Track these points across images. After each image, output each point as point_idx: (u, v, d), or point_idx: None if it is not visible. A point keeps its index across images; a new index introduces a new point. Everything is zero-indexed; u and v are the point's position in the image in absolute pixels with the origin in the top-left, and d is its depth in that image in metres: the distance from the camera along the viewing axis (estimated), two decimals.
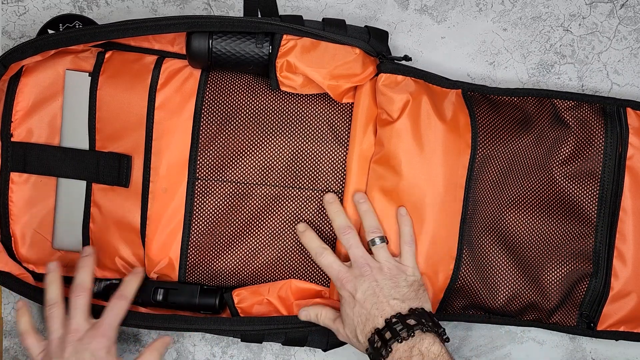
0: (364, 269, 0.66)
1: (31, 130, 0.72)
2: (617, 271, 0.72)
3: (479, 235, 0.72)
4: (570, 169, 0.72)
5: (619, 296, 0.72)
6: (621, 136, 0.71)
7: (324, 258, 0.68)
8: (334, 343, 0.72)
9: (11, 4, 0.77)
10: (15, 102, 0.71)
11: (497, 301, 0.72)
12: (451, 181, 0.70)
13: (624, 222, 0.72)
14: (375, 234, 0.68)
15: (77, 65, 0.72)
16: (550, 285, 0.72)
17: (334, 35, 0.68)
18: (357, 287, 0.66)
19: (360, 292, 0.66)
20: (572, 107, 0.72)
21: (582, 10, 0.78)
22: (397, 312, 0.64)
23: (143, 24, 0.66)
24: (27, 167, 0.72)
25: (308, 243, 0.70)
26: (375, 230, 0.68)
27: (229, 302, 0.71)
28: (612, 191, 0.71)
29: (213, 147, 0.71)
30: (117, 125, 0.71)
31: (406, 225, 0.69)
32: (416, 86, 0.69)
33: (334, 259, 0.68)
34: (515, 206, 0.72)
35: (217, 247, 0.72)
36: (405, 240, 0.68)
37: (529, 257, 0.72)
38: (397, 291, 0.65)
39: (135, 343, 0.78)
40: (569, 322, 0.73)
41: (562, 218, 0.72)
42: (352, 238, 0.68)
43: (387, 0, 0.77)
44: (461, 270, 0.71)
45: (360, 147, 0.71)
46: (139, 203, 0.71)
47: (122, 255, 0.72)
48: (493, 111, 0.73)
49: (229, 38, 0.68)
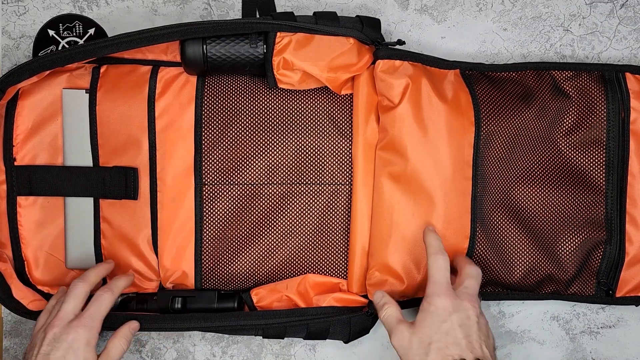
0: (472, 299, 0.64)
1: (34, 153, 0.72)
2: (630, 236, 0.72)
3: (491, 212, 0.72)
4: (575, 139, 0.72)
5: (635, 261, 0.72)
6: (622, 101, 0.71)
7: (444, 260, 0.66)
8: (356, 332, 0.71)
9: (11, 4, 0.77)
10: (15, 125, 0.71)
11: (514, 276, 0.72)
12: (458, 160, 0.70)
13: (633, 186, 0.72)
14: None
15: (73, 83, 0.72)
16: (566, 256, 0.72)
17: (327, 27, 0.68)
18: (459, 309, 0.63)
19: (459, 315, 0.63)
20: (571, 77, 0.72)
21: (582, 10, 0.78)
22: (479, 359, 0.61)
23: (136, 36, 0.66)
24: (33, 190, 0.71)
25: (433, 239, 0.68)
26: None
27: (248, 302, 0.71)
28: (618, 157, 0.71)
29: (217, 152, 0.71)
30: (119, 139, 0.71)
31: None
32: (414, 69, 0.70)
33: (449, 267, 0.66)
34: (524, 180, 0.72)
35: (230, 250, 0.72)
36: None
37: (542, 230, 0.72)
38: (488, 343, 0.64)
39: (136, 343, 0.78)
40: (587, 292, 0.73)
41: (571, 188, 0.72)
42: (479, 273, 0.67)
43: (387, 0, 0.78)
44: (476, 248, 0.71)
45: (364, 136, 0.71)
46: (148, 214, 0.71)
47: (135, 268, 0.72)
48: (493, 87, 0.73)
49: (223, 41, 0.68)
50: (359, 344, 0.77)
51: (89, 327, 0.64)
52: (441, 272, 0.65)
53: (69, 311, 0.65)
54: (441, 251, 0.66)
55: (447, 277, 0.65)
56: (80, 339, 0.63)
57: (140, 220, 0.71)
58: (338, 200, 0.72)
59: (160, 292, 0.72)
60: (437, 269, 0.66)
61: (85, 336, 0.64)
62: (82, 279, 0.67)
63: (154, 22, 0.77)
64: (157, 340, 0.78)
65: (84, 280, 0.67)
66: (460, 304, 0.63)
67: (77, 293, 0.66)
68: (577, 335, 0.78)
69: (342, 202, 0.72)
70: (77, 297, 0.66)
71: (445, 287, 0.64)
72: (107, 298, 0.67)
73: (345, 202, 0.72)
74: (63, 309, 0.65)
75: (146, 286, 0.73)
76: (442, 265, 0.66)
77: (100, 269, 0.69)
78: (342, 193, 0.72)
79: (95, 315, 0.65)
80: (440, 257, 0.66)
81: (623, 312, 0.78)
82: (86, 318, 0.65)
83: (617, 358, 0.78)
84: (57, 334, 0.63)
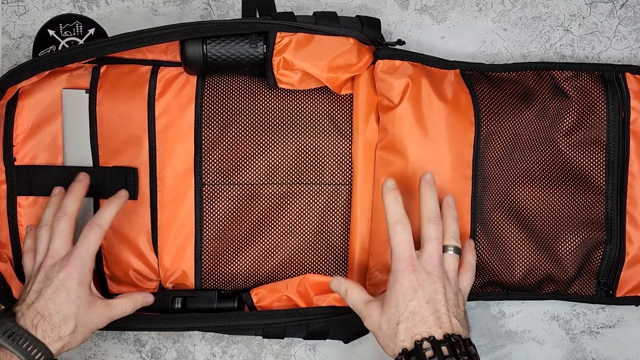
0: (435, 269, 0.61)
1: (34, 153, 0.72)
2: (630, 236, 0.72)
3: (491, 212, 0.72)
4: (575, 139, 0.72)
5: (635, 261, 0.72)
6: (622, 101, 0.71)
7: (403, 231, 0.61)
8: (356, 333, 0.71)
9: (11, 4, 0.77)
10: (15, 125, 0.71)
11: (514, 276, 0.72)
12: (458, 160, 0.70)
13: (633, 186, 0.72)
14: (453, 242, 0.64)
15: (73, 83, 0.72)
16: (566, 256, 0.72)
17: (327, 27, 0.68)
18: (424, 283, 0.60)
19: (425, 291, 0.60)
20: (571, 77, 0.72)
21: (582, 10, 0.78)
22: (458, 334, 0.58)
23: (136, 36, 0.66)
24: (33, 190, 0.71)
25: (391, 206, 0.63)
26: (455, 237, 0.64)
27: (248, 302, 0.71)
28: (618, 157, 0.71)
29: (217, 152, 0.71)
30: (119, 139, 0.71)
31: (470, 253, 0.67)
32: (414, 69, 0.70)
33: (411, 238, 0.62)
34: (524, 180, 0.72)
35: (230, 250, 0.72)
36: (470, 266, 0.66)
37: (542, 230, 0.72)
38: (458, 312, 0.61)
39: (136, 343, 0.78)
40: (587, 292, 0.73)
41: (571, 188, 0.72)
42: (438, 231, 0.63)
43: (387, 0, 0.78)
44: (476, 248, 0.71)
45: (364, 136, 0.71)
46: (148, 215, 0.71)
47: (135, 268, 0.72)
48: (493, 87, 0.73)
49: (223, 41, 0.68)
50: (359, 344, 0.77)
51: (79, 265, 0.63)
52: (402, 245, 0.61)
53: (58, 249, 0.64)
54: (400, 221, 0.62)
55: (410, 250, 0.61)
56: (71, 278, 0.62)
57: (140, 220, 0.71)
58: (338, 200, 0.72)
59: (160, 292, 0.72)
60: (398, 242, 0.62)
61: (77, 275, 0.62)
62: (61, 213, 0.65)
63: (154, 22, 0.77)
64: (157, 340, 0.78)
65: (64, 214, 0.65)
66: (425, 279, 0.60)
67: (62, 230, 0.65)
68: (577, 335, 0.78)
69: (342, 202, 0.72)
70: (63, 235, 0.65)
71: (408, 262, 0.61)
72: (95, 234, 0.64)
73: (345, 202, 0.72)
74: (52, 247, 0.64)
75: (146, 286, 0.73)
76: (402, 238, 0.62)
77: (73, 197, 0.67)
78: (342, 193, 0.72)
79: (84, 254, 0.63)
80: (400, 228, 0.62)
81: (623, 312, 0.78)
82: (76, 257, 0.63)
83: (617, 358, 0.78)
84: (48, 273, 0.63)
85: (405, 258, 0.61)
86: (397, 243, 0.62)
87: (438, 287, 0.61)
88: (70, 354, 0.77)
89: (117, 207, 0.67)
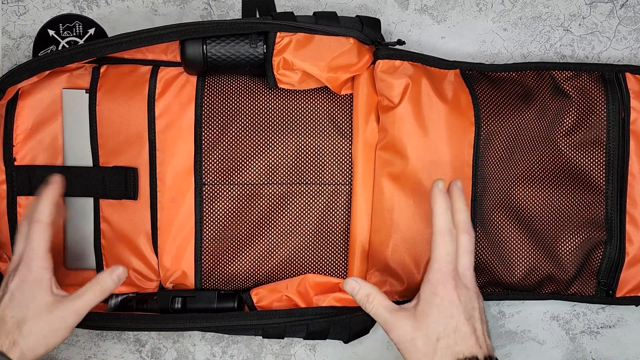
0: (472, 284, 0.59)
1: (34, 153, 0.72)
2: (630, 236, 0.72)
3: (491, 212, 0.72)
4: (575, 139, 0.72)
5: (635, 261, 0.72)
6: (622, 101, 0.71)
7: (452, 243, 0.59)
8: (356, 333, 0.71)
9: (11, 4, 0.77)
10: (15, 125, 0.71)
11: (514, 277, 0.72)
12: (458, 160, 0.70)
13: (633, 186, 0.72)
14: None
15: (73, 83, 0.72)
16: (566, 256, 0.72)
17: (327, 27, 0.68)
18: (463, 299, 0.58)
19: (466, 308, 0.58)
20: (571, 77, 0.72)
21: (582, 10, 0.78)
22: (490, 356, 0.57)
23: (136, 36, 0.66)
24: (33, 190, 0.71)
25: (443, 212, 0.60)
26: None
27: (248, 302, 0.71)
28: (618, 157, 0.71)
29: (217, 152, 0.71)
30: (119, 139, 0.71)
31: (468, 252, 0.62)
32: (414, 69, 0.70)
33: (454, 250, 0.60)
34: (524, 180, 0.72)
35: (230, 250, 0.72)
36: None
37: (542, 230, 0.72)
38: (488, 331, 0.59)
39: (136, 343, 0.78)
40: (587, 292, 0.73)
41: (571, 188, 0.72)
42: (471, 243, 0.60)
43: (387, 0, 0.78)
44: (476, 248, 0.71)
45: (363, 136, 0.71)
46: (148, 215, 0.71)
47: (135, 268, 0.72)
48: (493, 87, 0.73)
49: (223, 41, 0.68)
50: (359, 344, 0.77)
51: (29, 268, 0.61)
52: (450, 257, 0.59)
53: (17, 253, 0.63)
54: (451, 231, 0.59)
55: (454, 263, 0.59)
56: (25, 281, 0.60)
57: (140, 220, 0.71)
58: (338, 200, 0.72)
59: (160, 292, 0.72)
60: (446, 254, 0.59)
61: (30, 278, 0.60)
62: (25, 217, 0.64)
63: (154, 22, 0.77)
64: (157, 340, 0.78)
65: (29, 219, 0.63)
66: (465, 294, 0.58)
67: (23, 234, 0.63)
68: (577, 335, 0.78)
69: (342, 202, 0.72)
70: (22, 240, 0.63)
71: (451, 276, 0.58)
72: (37, 232, 0.62)
73: (345, 202, 0.72)
74: (15, 253, 0.63)
75: (146, 286, 0.73)
76: (451, 250, 0.59)
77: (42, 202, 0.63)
78: (342, 193, 0.72)
79: (31, 255, 0.61)
80: (448, 240, 0.59)
81: (623, 312, 0.78)
82: (25, 260, 0.61)
83: (617, 358, 0.78)
84: (7, 279, 0.62)
85: (449, 271, 0.59)
86: (445, 254, 0.59)
87: (475, 304, 0.59)
88: (70, 354, 0.77)
89: (51, 196, 0.64)
